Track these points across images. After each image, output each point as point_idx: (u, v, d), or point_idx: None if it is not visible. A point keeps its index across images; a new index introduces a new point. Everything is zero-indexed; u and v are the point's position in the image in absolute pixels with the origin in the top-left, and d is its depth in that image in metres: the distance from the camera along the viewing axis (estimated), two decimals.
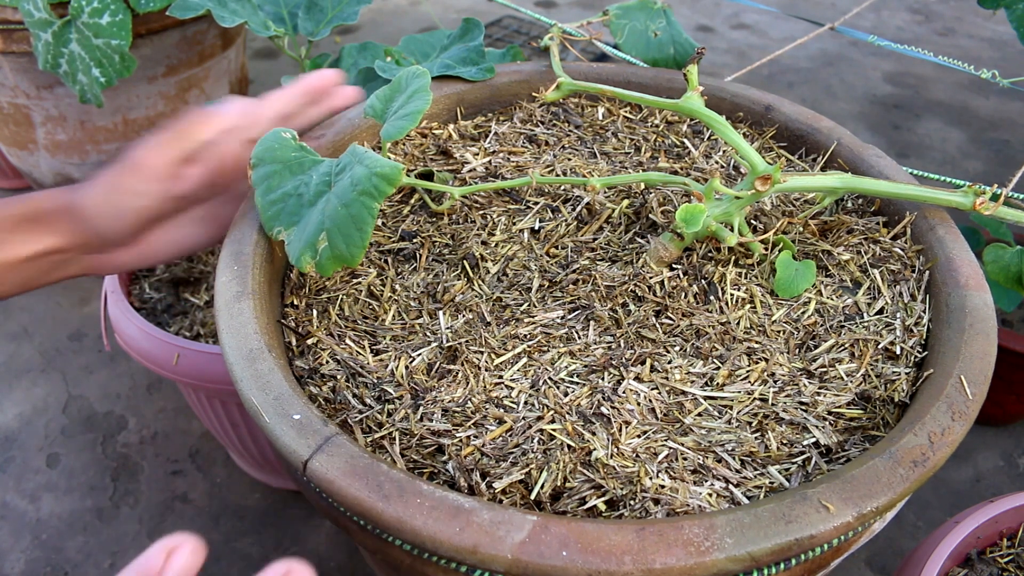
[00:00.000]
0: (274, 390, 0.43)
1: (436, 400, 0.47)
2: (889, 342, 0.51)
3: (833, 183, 0.54)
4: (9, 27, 0.98)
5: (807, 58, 2.05)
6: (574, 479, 0.43)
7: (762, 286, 0.55)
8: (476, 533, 0.36)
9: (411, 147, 0.67)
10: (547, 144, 0.68)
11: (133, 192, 0.53)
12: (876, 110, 1.84)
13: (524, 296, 0.54)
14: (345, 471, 0.39)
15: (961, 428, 0.43)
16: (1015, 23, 0.77)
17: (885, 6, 2.36)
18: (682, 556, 0.36)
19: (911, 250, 0.57)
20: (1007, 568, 0.64)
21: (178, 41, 1.09)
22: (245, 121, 0.55)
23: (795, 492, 0.39)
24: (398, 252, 0.58)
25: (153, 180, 0.53)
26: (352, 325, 0.53)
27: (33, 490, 1.02)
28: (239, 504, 1.00)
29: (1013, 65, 2.03)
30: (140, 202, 0.53)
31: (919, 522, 1.00)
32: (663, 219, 0.59)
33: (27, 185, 1.50)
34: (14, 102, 1.09)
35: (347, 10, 0.87)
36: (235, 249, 0.52)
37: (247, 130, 0.55)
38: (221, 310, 0.48)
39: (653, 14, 0.81)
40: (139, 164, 0.53)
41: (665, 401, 0.47)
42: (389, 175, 0.48)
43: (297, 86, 0.58)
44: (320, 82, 0.59)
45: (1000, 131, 1.77)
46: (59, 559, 0.94)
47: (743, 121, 0.71)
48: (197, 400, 0.88)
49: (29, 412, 1.12)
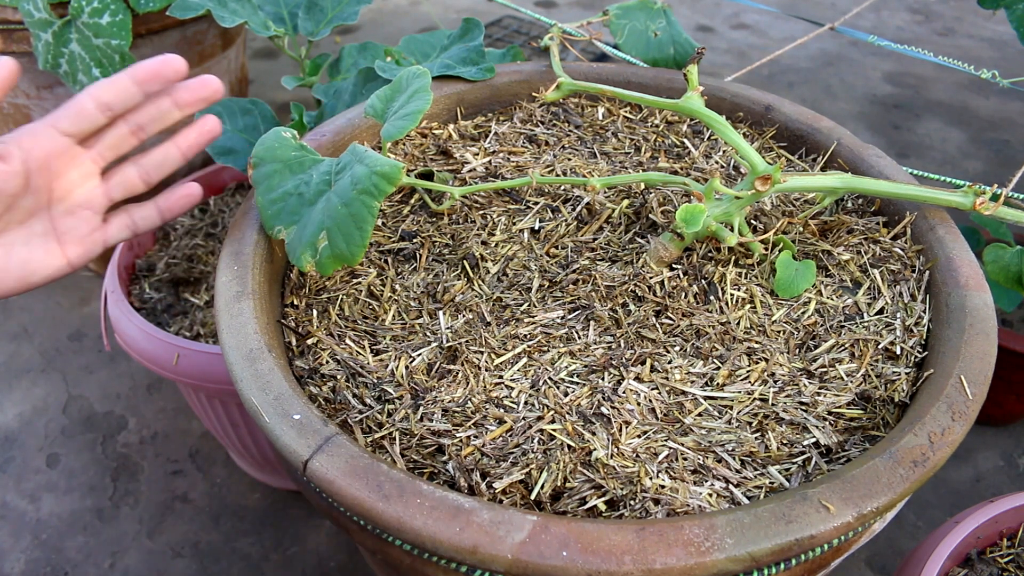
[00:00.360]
0: (274, 390, 0.43)
1: (436, 400, 0.47)
2: (889, 342, 0.51)
3: (833, 183, 0.54)
4: (9, 27, 0.98)
5: (807, 58, 2.05)
6: (574, 479, 0.43)
7: (762, 286, 0.55)
8: (476, 533, 0.36)
9: (411, 147, 0.67)
10: (547, 144, 0.68)
11: None
12: (876, 110, 1.84)
13: (524, 296, 0.54)
14: (345, 471, 0.39)
15: (961, 428, 0.42)
16: (1015, 23, 0.77)
17: (885, 6, 2.36)
18: (682, 556, 0.36)
19: (911, 250, 0.57)
20: (1007, 568, 0.64)
21: (178, 41, 1.09)
22: (55, 112, 0.49)
23: (795, 492, 0.39)
24: (398, 252, 0.58)
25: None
26: (352, 325, 0.53)
27: (33, 490, 1.02)
28: (239, 504, 1.00)
29: (1013, 65, 2.03)
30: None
31: (919, 522, 1.00)
32: (663, 219, 0.59)
33: None
34: (14, 102, 1.09)
35: (347, 10, 0.87)
36: (235, 249, 0.52)
37: (57, 120, 0.49)
38: (221, 310, 0.48)
39: (653, 14, 0.81)
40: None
41: (665, 401, 0.47)
42: (389, 174, 0.48)
43: (123, 72, 0.50)
44: (154, 67, 0.50)
45: (1000, 131, 1.77)
46: (59, 559, 0.94)
47: (743, 121, 0.71)
48: (197, 400, 0.88)
49: (29, 412, 1.12)
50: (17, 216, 0.50)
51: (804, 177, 0.54)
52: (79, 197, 0.52)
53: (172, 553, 0.95)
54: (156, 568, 0.93)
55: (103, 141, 0.52)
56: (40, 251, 0.51)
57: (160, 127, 0.54)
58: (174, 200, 0.57)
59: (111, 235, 0.55)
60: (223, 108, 0.82)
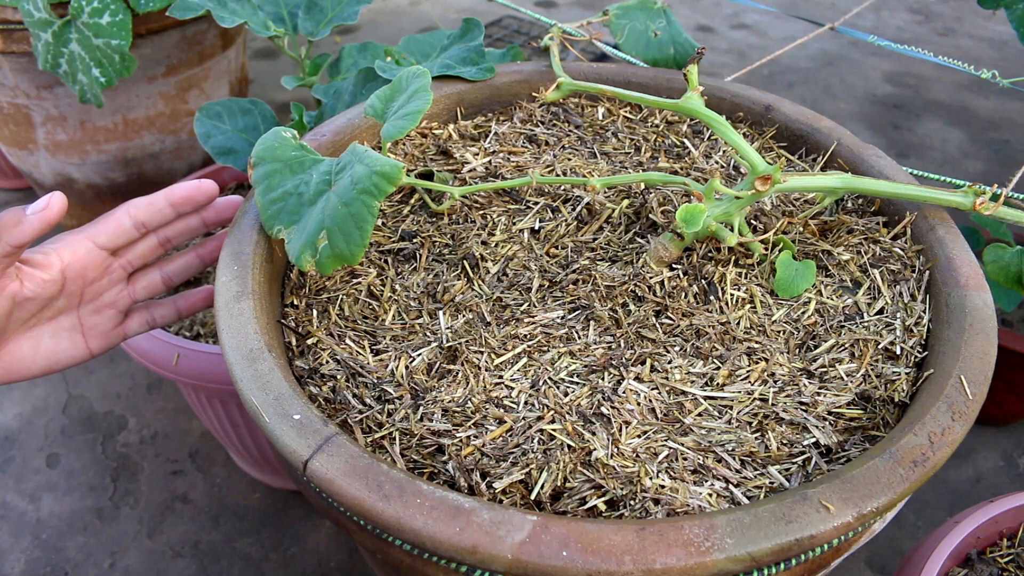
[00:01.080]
0: (274, 390, 0.43)
1: (436, 400, 0.47)
2: (889, 342, 0.51)
3: (833, 183, 0.54)
4: (9, 27, 0.98)
5: (807, 58, 2.05)
6: (574, 479, 0.43)
7: (762, 286, 0.55)
8: (476, 533, 0.36)
9: (411, 147, 0.67)
10: (547, 144, 0.68)
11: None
12: (876, 110, 1.84)
13: (524, 296, 0.54)
14: (345, 471, 0.39)
15: (961, 428, 0.42)
16: (1015, 23, 0.77)
17: (885, 6, 2.36)
18: (682, 556, 0.36)
19: (911, 250, 0.57)
20: (1007, 568, 0.64)
21: (178, 41, 1.09)
22: (95, 224, 0.53)
23: (795, 492, 0.39)
24: (398, 252, 0.58)
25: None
26: (352, 325, 0.53)
27: (33, 490, 1.02)
28: (239, 504, 1.00)
29: (1013, 65, 2.03)
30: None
31: (919, 522, 1.00)
32: (663, 219, 0.59)
33: (27, 185, 1.50)
34: (14, 102, 1.09)
35: (347, 10, 0.87)
36: (235, 249, 0.52)
37: (96, 235, 0.53)
38: (221, 310, 0.48)
39: (653, 14, 0.81)
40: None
41: (665, 401, 0.47)
42: (389, 174, 0.48)
43: (160, 194, 0.55)
44: (188, 192, 0.55)
45: (1000, 131, 1.77)
46: (59, 559, 0.94)
47: (743, 121, 0.71)
48: (197, 400, 0.88)
49: (29, 412, 1.12)
50: (48, 314, 0.54)
51: (804, 177, 0.54)
52: (106, 299, 0.57)
53: (172, 553, 0.95)
54: (156, 568, 0.93)
55: (133, 251, 0.57)
56: (66, 343, 0.55)
57: (186, 239, 0.59)
58: (192, 301, 0.62)
59: (131, 330, 0.59)
60: (223, 108, 0.82)
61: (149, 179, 1.22)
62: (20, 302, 0.50)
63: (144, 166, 1.20)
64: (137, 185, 1.22)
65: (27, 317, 0.52)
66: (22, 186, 1.51)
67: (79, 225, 0.55)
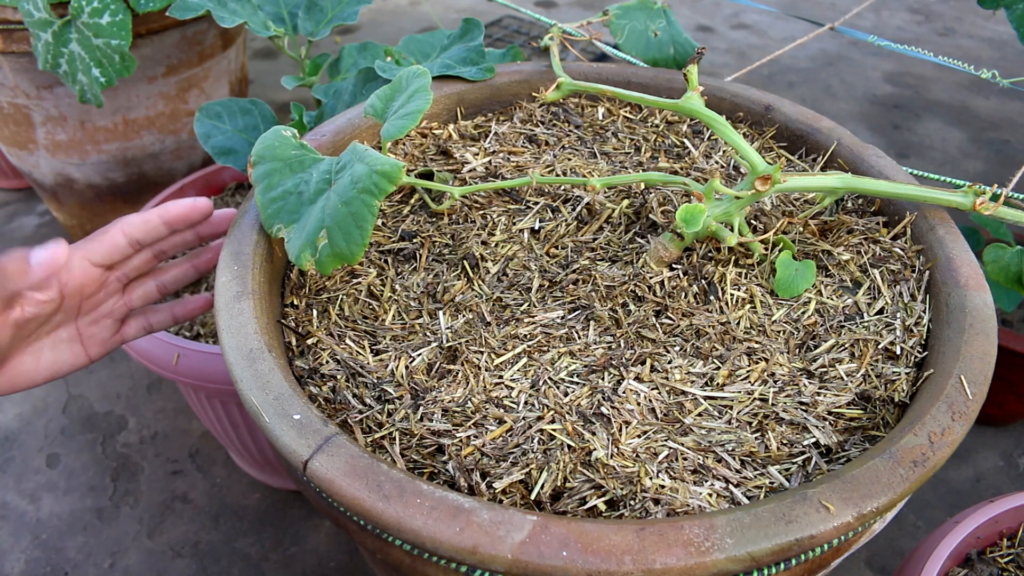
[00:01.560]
0: (274, 390, 0.43)
1: (436, 400, 0.47)
2: (889, 342, 0.51)
3: (833, 183, 0.54)
4: (9, 27, 0.98)
5: (807, 58, 2.05)
6: (574, 479, 0.43)
7: (762, 286, 0.55)
8: (476, 533, 0.36)
9: (411, 147, 0.67)
10: (547, 144, 0.68)
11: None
12: (876, 110, 1.84)
13: (524, 296, 0.54)
14: (345, 471, 0.39)
15: (961, 428, 0.42)
16: (1015, 23, 0.77)
17: (885, 6, 2.36)
18: (682, 556, 0.36)
19: (911, 250, 0.57)
20: (1007, 568, 0.64)
21: (178, 41, 1.09)
22: (90, 242, 0.54)
23: (795, 492, 0.39)
24: (398, 252, 0.58)
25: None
26: (352, 325, 0.53)
27: (33, 490, 1.02)
28: (239, 504, 1.00)
29: (1013, 65, 2.03)
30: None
31: (919, 522, 1.00)
32: (663, 219, 0.59)
33: (27, 185, 1.50)
34: (14, 102, 1.09)
35: (347, 10, 0.87)
36: (235, 249, 0.52)
37: (91, 252, 0.54)
38: (221, 310, 0.48)
39: (653, 14, 0.81)
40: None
41: (665, 401, 0.47)
42: (390, 173, 0.48)
43: (154, 212, 0.55)
44: (183, 210, 0.55)
45: (1000, 131, 1.77)
46: (59, 559, 0.94)
47: (743, 121, 0.71)
48: (197, 400, 0.88)
49: (29, 412, 1.12)
50: (47, 328, 0.55)
51: (804, 177, 0.54)
52: (103, 310, 0.58)
53: (172, 553, 0.95)
54: (156, 568, 0.93)
55: (129, 264, 0.58)
56: (66, 353, 0.57)
57: (180, 251, 0.60)
58: (190, 308, 0.62)
59: (128, 336, 0.61)
60: (223, 108, 0.82)
61: (149, 179, 1.22)
62: (21, 324, 0.51)
63: (144, 166, 1.20)
64: (137, 185, 1.22)
65: (27, 335, 0.53)
66: (22, 186, 1.51)
67: (79, 224, 0.56)
